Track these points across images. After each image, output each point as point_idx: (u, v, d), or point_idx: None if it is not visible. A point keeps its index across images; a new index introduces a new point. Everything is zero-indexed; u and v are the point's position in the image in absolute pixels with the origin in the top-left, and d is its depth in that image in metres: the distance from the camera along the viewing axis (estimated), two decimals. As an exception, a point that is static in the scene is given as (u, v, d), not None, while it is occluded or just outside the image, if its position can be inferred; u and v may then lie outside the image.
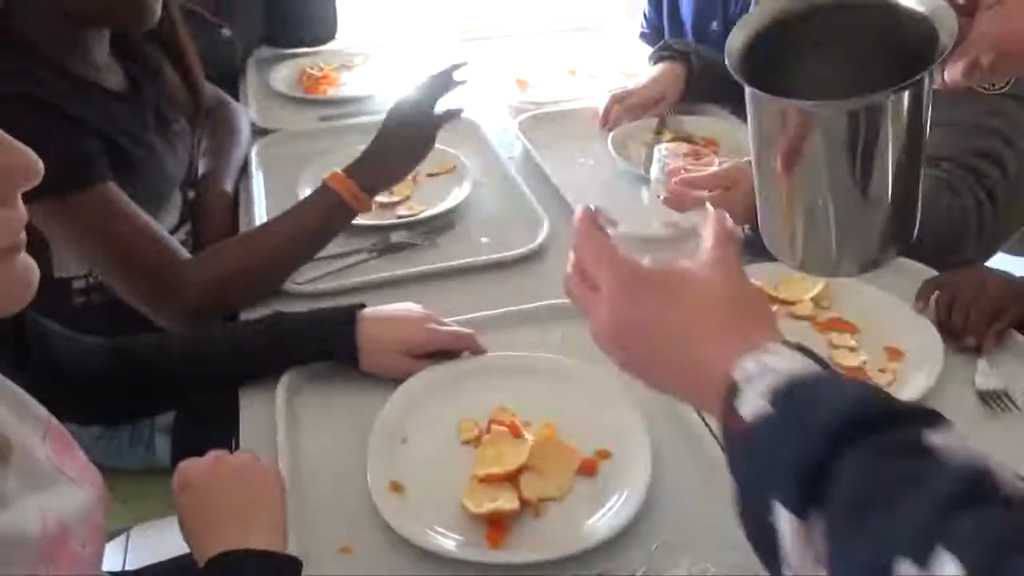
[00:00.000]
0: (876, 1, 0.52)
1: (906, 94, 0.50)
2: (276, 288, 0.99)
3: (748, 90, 0.53)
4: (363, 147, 1.32)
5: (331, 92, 1.58)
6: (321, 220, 1.01)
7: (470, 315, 0.94)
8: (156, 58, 1.11)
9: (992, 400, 0.85)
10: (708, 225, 0.52)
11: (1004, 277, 0.94)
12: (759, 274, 0.98)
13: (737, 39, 0.56)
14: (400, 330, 0.87)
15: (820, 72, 0.54)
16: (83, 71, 0.98)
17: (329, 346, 0.86)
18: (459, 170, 1.28)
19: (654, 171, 1.12)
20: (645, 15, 1.98)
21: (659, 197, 1.08)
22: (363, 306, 0.89)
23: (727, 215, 0.53)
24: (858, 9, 0.53)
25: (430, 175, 1.28)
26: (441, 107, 1.07)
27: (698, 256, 0.51)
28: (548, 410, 0.81)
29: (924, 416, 0.39)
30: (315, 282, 1.01)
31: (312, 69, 1.64)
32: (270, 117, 1.47)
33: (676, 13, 1.82)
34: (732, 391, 0.43)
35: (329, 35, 1.78)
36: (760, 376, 0.43)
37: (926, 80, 0.50)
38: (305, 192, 1.20)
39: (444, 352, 0.87)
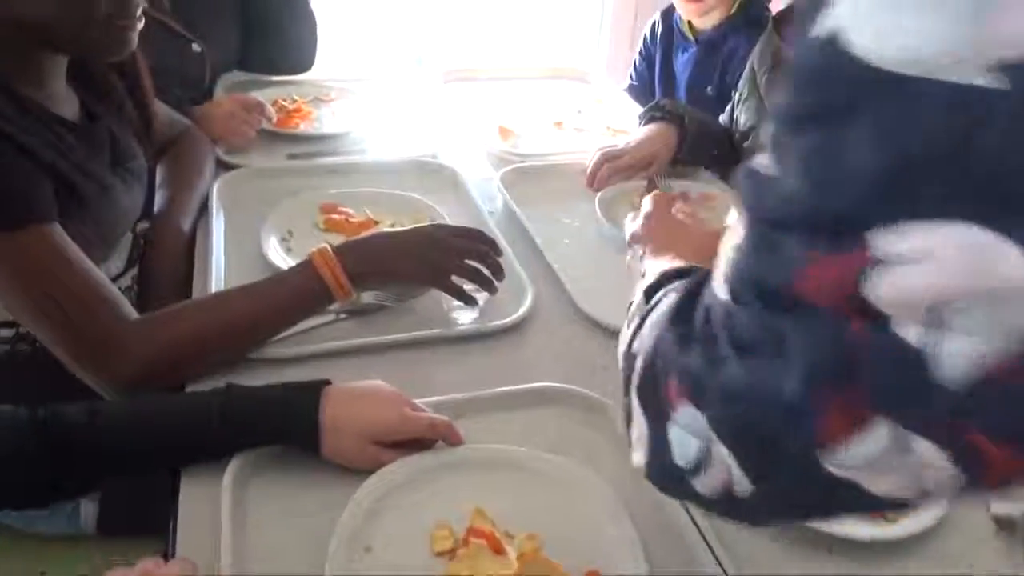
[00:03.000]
0: None
1: None
2: (232, 363, 0.89)
3: None
4: (336, 190, 1.25)
5: (303, 127, 1.49)
6: (294, 301, 0.90)
7: (445, 396, 0.85)
8: (119, 90, 1.01)
9: (1006, 526, 0.79)
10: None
11: None
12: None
13: None
14: (370, 414, 0.77)
15: None
16: (36, 97, 0.88)
17: (287, 428, 0.76)
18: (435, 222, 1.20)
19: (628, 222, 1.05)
20: (636, 67, 1.94)
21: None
22: (328, 382, 0.79)
23: None
24: None
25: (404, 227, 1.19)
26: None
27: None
28: (534, 519, 0.72)
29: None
30: (274, 346, 0.91)
31: (285, 100, 1.55)
32: (235, 151, 1.37)
33: (670, 73, 1.79)
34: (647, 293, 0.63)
35: (307, 62, 1.69)
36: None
37: None
38: (270, 239, 1.11)
39: (416, 441, 0.78)
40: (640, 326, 0.51)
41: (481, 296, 1.00)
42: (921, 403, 0.32)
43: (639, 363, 0.48)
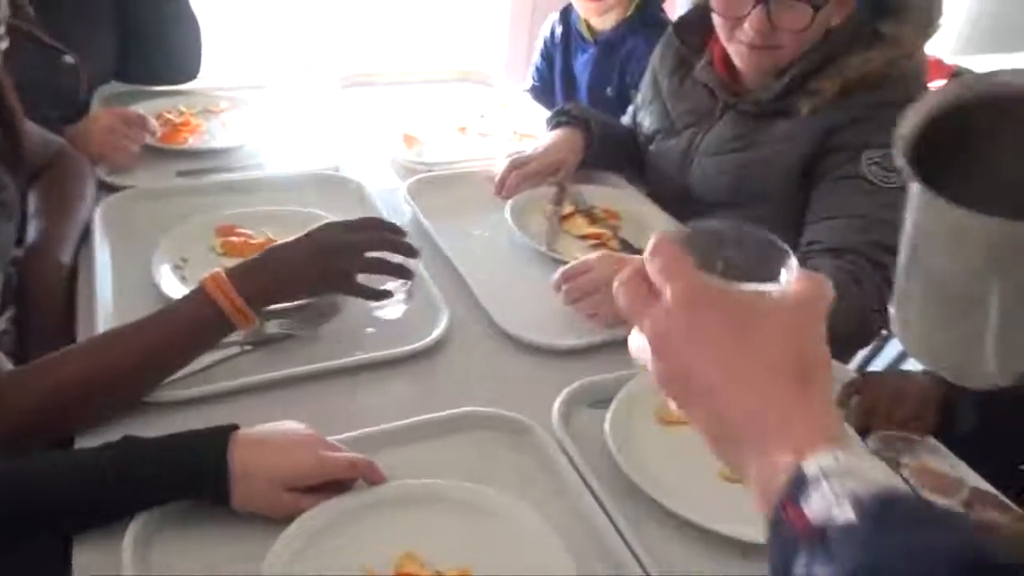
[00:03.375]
0: None
1: None
2: (124, 409, 0.82)
3: (916, 187, 0.46)
4: (233, 210, 1.18)
5: (192, 142, 1.40)
6: (190, 334, 0.83)
7: (363, 430, 0.81)
8: None
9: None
10: (797, 277, 0.47)
11: (921, 382, 0.92)
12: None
13: (907, 127, 0.48)
14: (283, 458, 0.72)
15: (992, 160, 0.48)
16: None
17: (192, 481, 0.70)
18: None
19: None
20: (536, 68, 1.93)
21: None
22: (236, 427, 0.74)
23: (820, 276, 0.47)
24: None
25: (310, 247, 1.14)
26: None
27: (781, 299, 0.46)
28: (464, 553, 0.70)
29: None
30: (172, 387, 0.85)
31: (170, 113, 1.46)
32: (118, 171, 1.28)
33: (570, 74, 1.78)
34: (799, 482, 0.40)
35: (192, 70, 1.59)
36: (838, 476, 0.39)
37: None
38: (161, 267, 1.04)
39: (336, 482, 0.74)
40: None
41: (396, 286, 0.96)
42: None
43: None
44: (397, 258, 0.94)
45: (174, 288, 1.00)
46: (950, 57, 2.41)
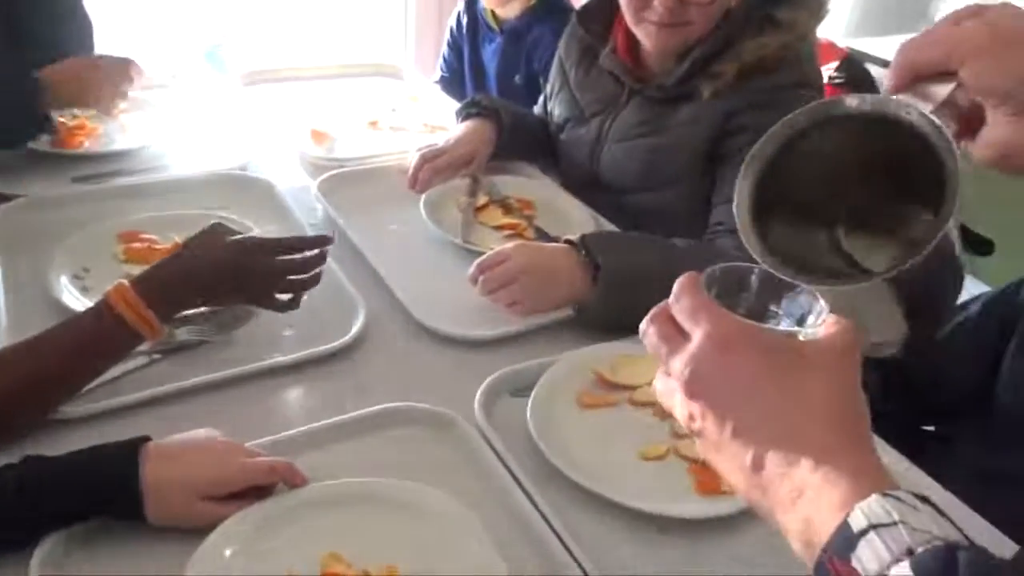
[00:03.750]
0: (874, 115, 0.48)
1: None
2: (27, 429, 0.78)
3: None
4: (136, 215, 1.14)
5: (89, 146, 1.34)
6: (95, 349, 0.80)
7: (282, 433, 0.80)
8: None
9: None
10: (829, 325, 0.46)
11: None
12: (595, 356, 0.94)
13: (743, 201, 0.50)
14: (197, 468, 0.71)
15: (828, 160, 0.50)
16: None
17: (102, 498, 0.68)
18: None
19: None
20: (445, 58, 1.93)
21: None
22: (147, 439, 0.71)
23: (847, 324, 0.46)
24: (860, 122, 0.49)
25: (220, 250, 1.11)
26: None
27: (819, 344, 0.45)
28: (391, 551, 0.69)
29: None
30: (78, 402, 0.81)
31: (63, 117, 1.39)
32: (9, 179, 1.21)
33: (478, 63, 1.78)
34: (846, 537, 0.38)
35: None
36: (889, 529, 0.37)
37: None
38: (60, 279, 0.99)
39: (255, 488, 0.72)
40: None
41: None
42: None
43: None
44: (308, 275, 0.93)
45: (75, 300, 0.96)
46: (842, 40, 2.51)
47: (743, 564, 0.73)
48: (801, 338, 0.46)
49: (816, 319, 0.47)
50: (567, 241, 1.05)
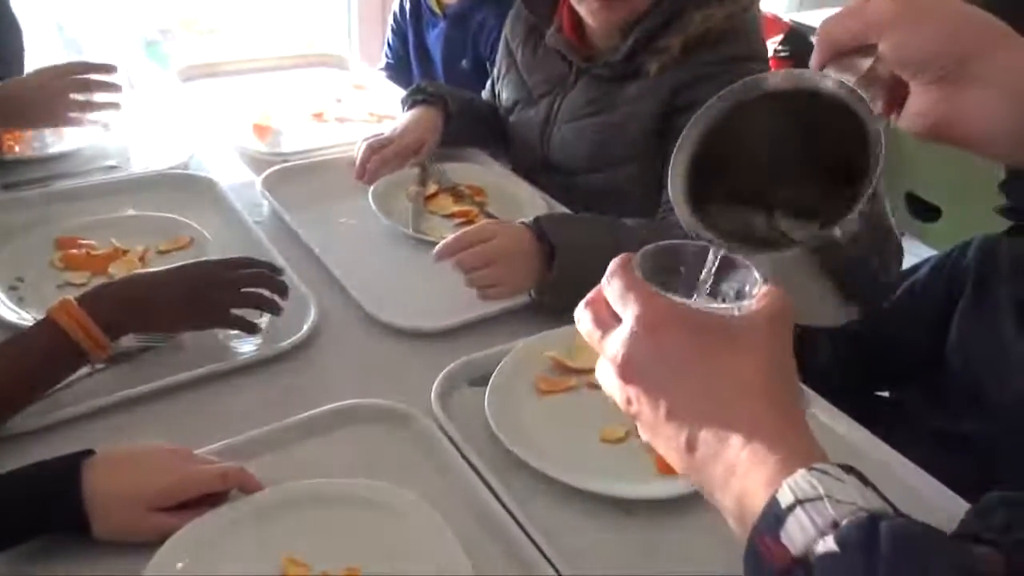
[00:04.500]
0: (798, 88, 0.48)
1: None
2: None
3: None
4: (72, 220, 1.10)
5: (20, 150, 1.29)
6: (37, 368, 0.77)
7: (235, 437, 0.77)
8: None
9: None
10: (760, 297, 0.47)
11: None
12: (551, 341, 0.93)
13: (678, 184, 0.49)
14: (144, 478, 0.68)
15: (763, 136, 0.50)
16: None
17: (44, 515, 0.65)
18: (197, 244, 1.09)
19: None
20: (389, 45, 1.89)
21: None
22: (90, 452, 0.69)
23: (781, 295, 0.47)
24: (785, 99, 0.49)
25: (161, 252, 1.08)
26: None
27: (747, 317, 0.45)
28: (350, 552, 0.68)
29: None
30: (19, 416, 0.78)
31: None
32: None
33: (424, 49, 1.76)
34: (775, 513, 0.38)
35: (14, 64, 1.46)
36: (815, 503, 0.38)
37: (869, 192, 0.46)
38: (-7, 292, 0.95)
39: (208, 496, 0.70)
40: None
41: (262, 320, 0.92)
42: None
43: None
44: (268, 293, 0.90)
45: (9, 311, 0.92)
46: (785, 13, 2.53)
47: (712, 538, 0.72)
48: (736, 312, 0.46)
49: (751, 291, 0.48)
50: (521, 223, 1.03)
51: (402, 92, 1.46)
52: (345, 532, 0.70)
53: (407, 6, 1.83)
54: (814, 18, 2.49)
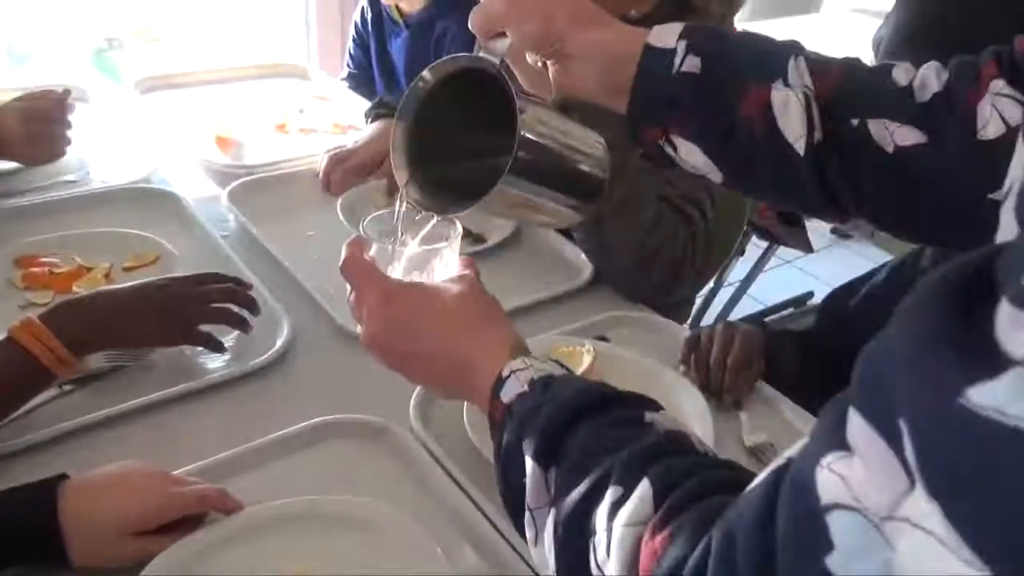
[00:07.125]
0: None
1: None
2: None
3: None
4: (33, 237, 1.07)
5: (-27, 165, 1.25)
6: (1, 388, 0.75)
7: (212, 458, 0.77)
8: None
9: (760, 454, 0.88)
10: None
11: (746, 330, 0.99)
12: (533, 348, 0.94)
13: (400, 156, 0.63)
14: (122, 501, 0.67)
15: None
16: None
17: (18, 544, 0.64)
18: (164, 260, 1.08)
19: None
20: (351, 54, 1.88)
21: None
22: (64, 477, 0.68)
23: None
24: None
25: (127, 269, 1.06)
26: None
27: (442, 282, 0.62)
28: (332, 569, 0.68)
29: (645, 402, 0.51)
30: (-14, 443, 0.76)
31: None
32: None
33: (387, 59, 1.75)
34: (498, 383, 0.53)
35: None
36: (523, 371, 0.53)
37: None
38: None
39: (187, 518, 0.69)
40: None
41: (229, 337, 0.91)
42: None
43: None
44: (237, 309, 0.90)
45: (-29, 334, 0.89)
46: (738, 23, 2.58)
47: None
48: (437, 260, 0.63)
49: (450, 243, 0.63)
50: None
51: (365, 103, 1.45)
52: (326, 549, 0.70)
53: (368, 16, 1.82)
54: (765, 28, 2.54)
